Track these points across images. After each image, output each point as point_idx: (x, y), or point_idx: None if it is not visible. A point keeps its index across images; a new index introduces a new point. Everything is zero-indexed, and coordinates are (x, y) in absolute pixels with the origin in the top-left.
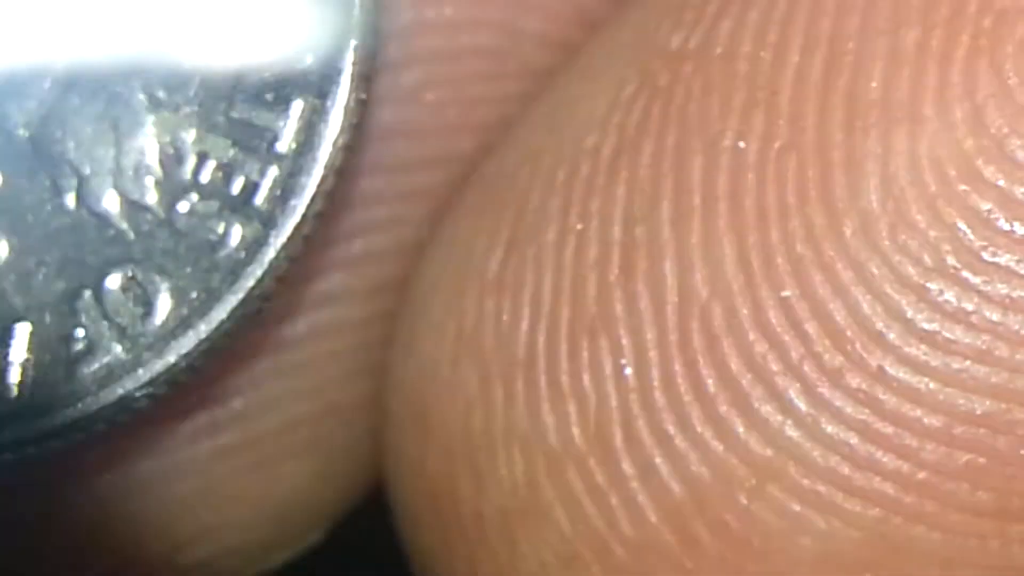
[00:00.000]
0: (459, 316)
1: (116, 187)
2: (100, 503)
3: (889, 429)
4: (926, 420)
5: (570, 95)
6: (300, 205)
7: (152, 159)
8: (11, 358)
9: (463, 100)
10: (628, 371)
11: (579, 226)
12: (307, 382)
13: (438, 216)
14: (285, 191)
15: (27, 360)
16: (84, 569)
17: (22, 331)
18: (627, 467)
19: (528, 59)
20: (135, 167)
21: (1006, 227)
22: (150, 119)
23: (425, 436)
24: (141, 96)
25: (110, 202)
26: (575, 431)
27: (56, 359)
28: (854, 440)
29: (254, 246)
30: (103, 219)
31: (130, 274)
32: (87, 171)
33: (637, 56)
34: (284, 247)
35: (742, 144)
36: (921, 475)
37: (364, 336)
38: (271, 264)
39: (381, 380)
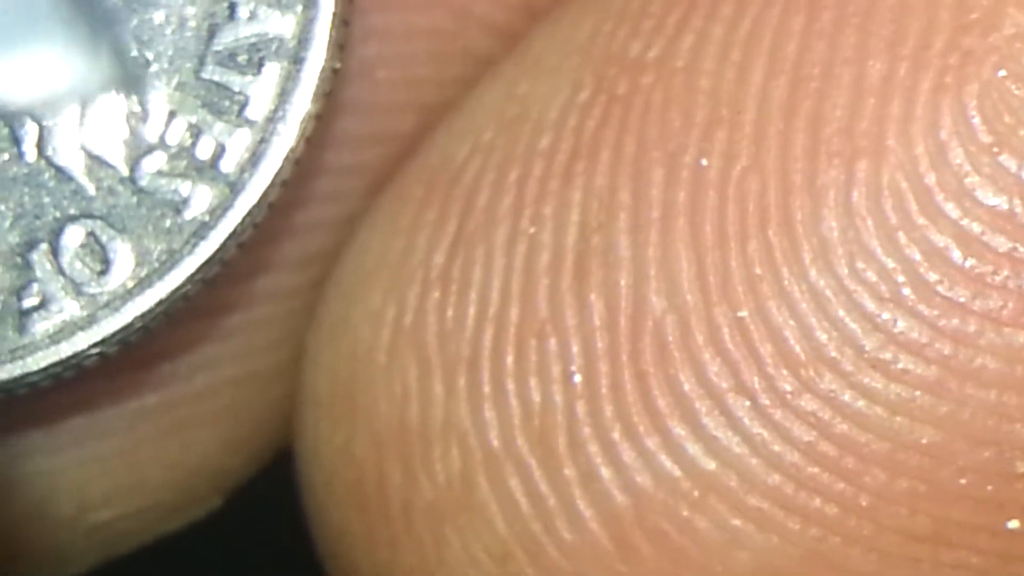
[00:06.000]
0: (399, 306)
1: (78, 141)
2: (19, 458)
3: (835, 452)
4: (872, 445)
5: (522, 92)
6: (268, 171)
7: (118, 115)
8: None
9: (409, 79)
10: (576, 378)
11: (532, 229)
12: (234, 348)
13: (373, 194)
14: (255, 156)
15: None
16: None
17: None
18: (569, 472)
19: (473, 43)
20: (100, 122)
21: (961, 263)
22: (117, 74)
23: (353, 422)
24: (109, 50)
25: (71, 156)
26: (517, 432)
27: (7, 312)
28: (799, 460)
29: (219, 210)
30: (63, 172)
31: (89, 230)
32: (48, 122)
33: (592, 60)
34: (250, 213)
35: (704, 161)
36: (862, 498)
37: (291, 305)
38: (235, 229)
39: (298, 352)
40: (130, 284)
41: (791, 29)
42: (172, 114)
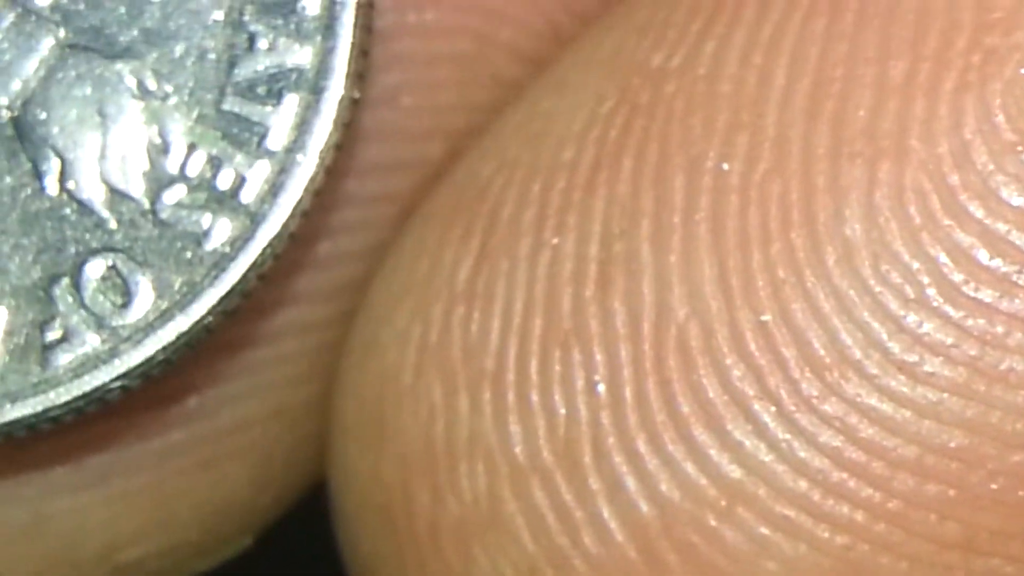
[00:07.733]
0: (425, 324)
1: (100, 174)
2: (46, 496)
3: (862, 457)
4: (899, 450)
5: (545, 108)
6: (289, 202)
7: (139, 148)
8: None
9: (435, 106)
10: (600, 388)
11: (555, 240)
12: (262, 382)
13: (404, 221)
14: (274, 187)
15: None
16: (23, 563)
17: None
18: (594, 484)
19: (499, 69)
20: (121, 155)
21: (987, 263)
22: (138, 107)
23: (381, 444)
24: (129, 83)
25: (93, 189)
26: (542, 445)
27: (30, 346)
28: (826, 467)
29: (239, 241)
30: (85, 206)
31: (111, 263)
32: (71, 156)
33: (616, 72)
34: (270, 244)
35: (725, 166)
36: (891, 504)
37: (321, 338)
38: (256, 260)
39: (330, 384)
40: (151, 317)
41: (813, 31)
42: (192, 146)
